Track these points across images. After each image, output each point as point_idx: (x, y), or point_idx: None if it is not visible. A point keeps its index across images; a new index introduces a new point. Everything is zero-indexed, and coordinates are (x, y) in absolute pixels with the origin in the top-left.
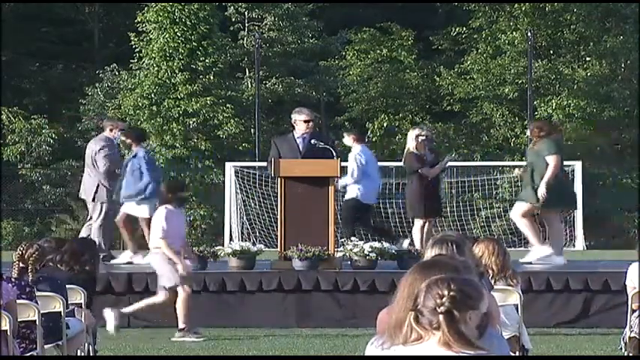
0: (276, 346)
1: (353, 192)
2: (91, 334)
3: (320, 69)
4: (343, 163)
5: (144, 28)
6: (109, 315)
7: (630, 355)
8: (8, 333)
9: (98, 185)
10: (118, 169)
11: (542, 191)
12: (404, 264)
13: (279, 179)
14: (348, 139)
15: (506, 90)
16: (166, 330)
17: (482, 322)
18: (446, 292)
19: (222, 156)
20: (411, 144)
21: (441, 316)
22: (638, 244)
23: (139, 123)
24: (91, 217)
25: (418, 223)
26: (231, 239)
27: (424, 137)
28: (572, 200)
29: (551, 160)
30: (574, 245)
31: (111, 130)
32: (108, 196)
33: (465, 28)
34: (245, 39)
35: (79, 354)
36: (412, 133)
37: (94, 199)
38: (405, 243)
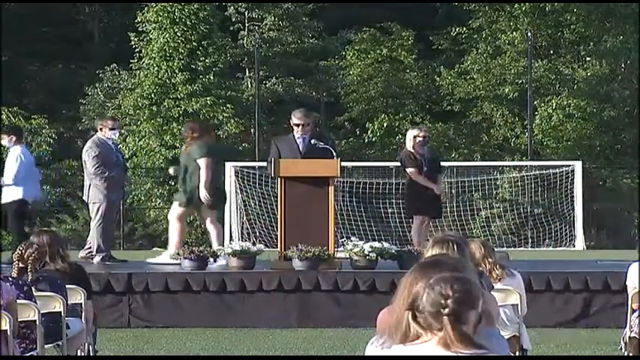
0: (276, 346)
1: (16, 193)
2: (91, 334)
3: (320, 69)
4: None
5: (144, 28)
6: None
7: (630, 355)
8: (8, 333)
9: (90, 186)
10: (109, 169)
11: (203, 194)
12: (404, 264)
13: (279, 179)
14: (6, 140)
15: (506, 90)
16: (166, 330)
17: (479, 320)
18: (450, 293)
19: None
20: (408, 144)
21: (445, 318)
22: (638, 244)
23: (138, 123)
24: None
25: (416, 220)
26: (231, 239)
27: (421, 138)
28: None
29: (202, 162)
30: (574, 245)
31: (101, 130)
32: (103, 196)
33: (465, 28)
34: (245, 39)
35: (79, 354)
36: (410, 134)
37: (89, 200)
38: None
